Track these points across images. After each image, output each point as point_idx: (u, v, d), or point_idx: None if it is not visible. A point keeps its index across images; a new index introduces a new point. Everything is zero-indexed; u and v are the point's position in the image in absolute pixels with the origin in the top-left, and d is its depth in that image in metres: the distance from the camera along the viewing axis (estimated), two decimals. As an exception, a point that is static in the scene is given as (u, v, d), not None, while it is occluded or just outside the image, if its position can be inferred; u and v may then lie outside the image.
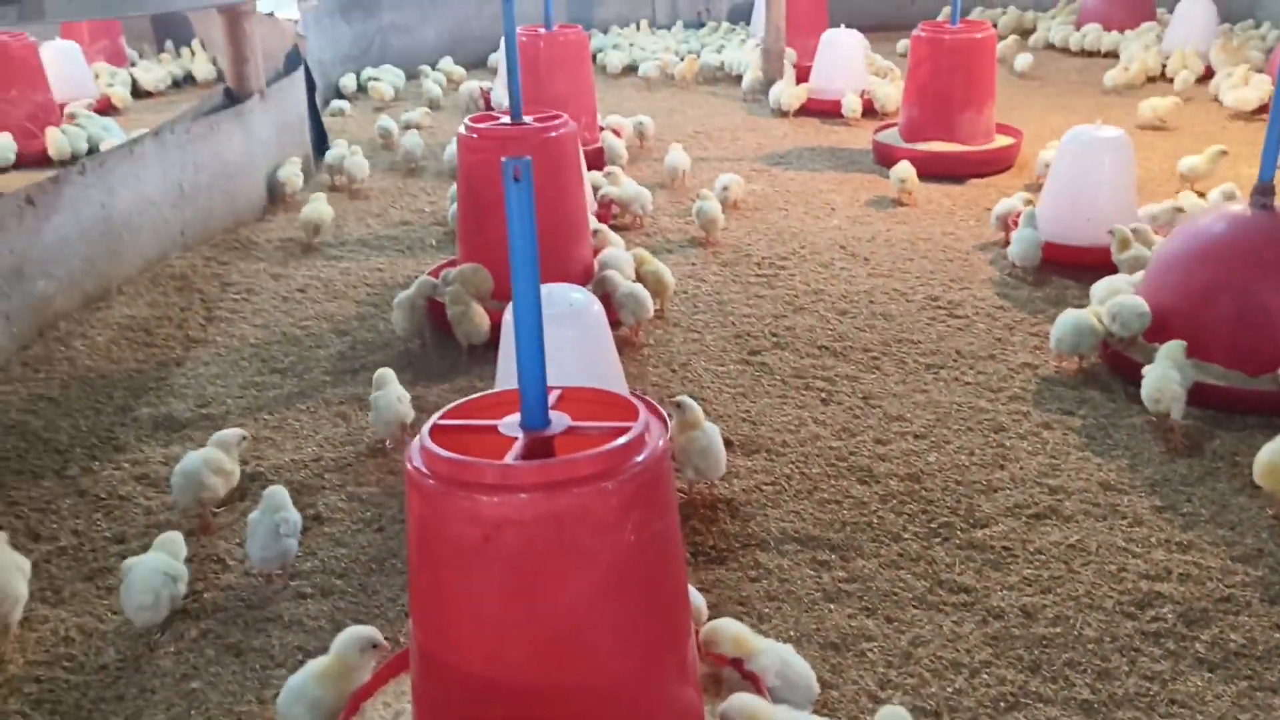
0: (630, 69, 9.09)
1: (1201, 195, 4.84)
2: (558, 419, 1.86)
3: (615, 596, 1.73)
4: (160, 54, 9.40)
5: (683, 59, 8.84)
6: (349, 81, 8.53)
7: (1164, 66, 7.71)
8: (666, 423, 3.15)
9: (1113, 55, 8.44)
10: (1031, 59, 8.16)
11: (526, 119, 4.00)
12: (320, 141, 6.63)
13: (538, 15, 6.23)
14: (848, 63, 7.27)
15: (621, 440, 1.74)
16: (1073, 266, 4.38)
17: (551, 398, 1.93)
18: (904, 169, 5.43)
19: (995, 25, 9.71)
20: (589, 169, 5.30)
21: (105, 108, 7.85)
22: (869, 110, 7.07)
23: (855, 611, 2.53)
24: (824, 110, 7.17)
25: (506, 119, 4.05)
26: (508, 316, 2.93)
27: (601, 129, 6.32)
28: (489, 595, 1.72)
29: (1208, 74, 7.56)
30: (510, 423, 1.86)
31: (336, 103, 7.97)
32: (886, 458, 3.16)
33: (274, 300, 4.44)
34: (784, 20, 7.94)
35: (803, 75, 7.55)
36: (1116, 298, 3.57)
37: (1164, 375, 3.16)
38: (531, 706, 1.73)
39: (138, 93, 8.54)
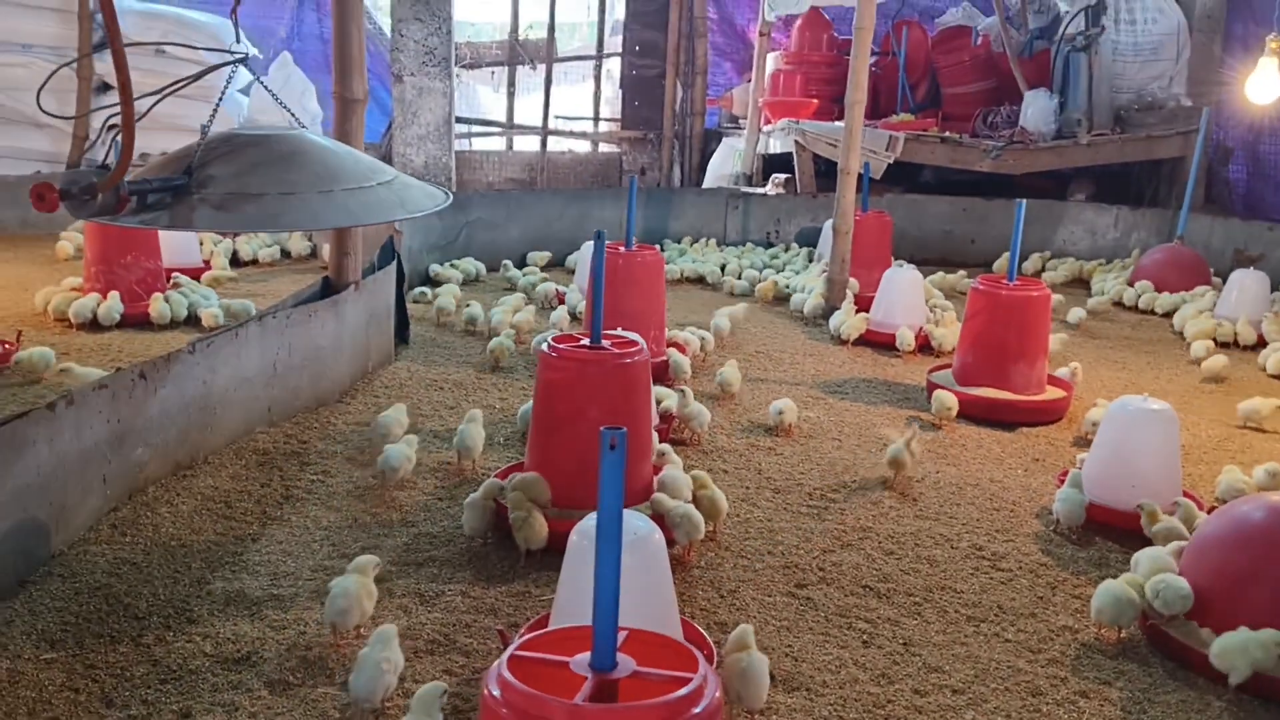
0: (696, 280, 9.60)
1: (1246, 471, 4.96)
2: (624, 662, 2.03)
3: (662, 842, 1.86)
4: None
5: (740, 275, 9.41)
6: (440, 270, 9.11)
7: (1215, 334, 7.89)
8: (714, 653, 3.29)
9: (1167, 316, 8.71)
10: (1085, 314, 8.44)
11: (605, 344, 4.30)
12: (403, 328, 7.04)
13: (618, 224, 6.67)
14: (907, 299, 7.62)
15: (681, 692, 1.90)
16: (1116, 529, 4.50)
17: (620, 639, 2.10)
18: (949, 399, 5.82)
19: (1051, 273, 10.12)
20: (654, 382, 5.61)
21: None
22: (925, 346, 7.36)
23: None
24: (881, 342, 7.47)
25: (586, 340, 4.36)
26: (574, 538, 3.14)
27: (670, 345, 6.65)
28: (546, 827, 1.85)
29: (1260, 343, 7.77)
30: (580, 661, 2.03)
31: (420, 288, 8.47)
32: (924, 710, 3.24)
33: (348, 484, 4.68)
34: (849, 252, 8.37)
35: (863, 305, 7.90)
36: (1161, 576, 3.66)
37: (1242, 642, 3.28)
38: None
39: (237, 262, 9.16)
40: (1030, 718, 3.24)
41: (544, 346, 4.35)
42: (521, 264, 9.81)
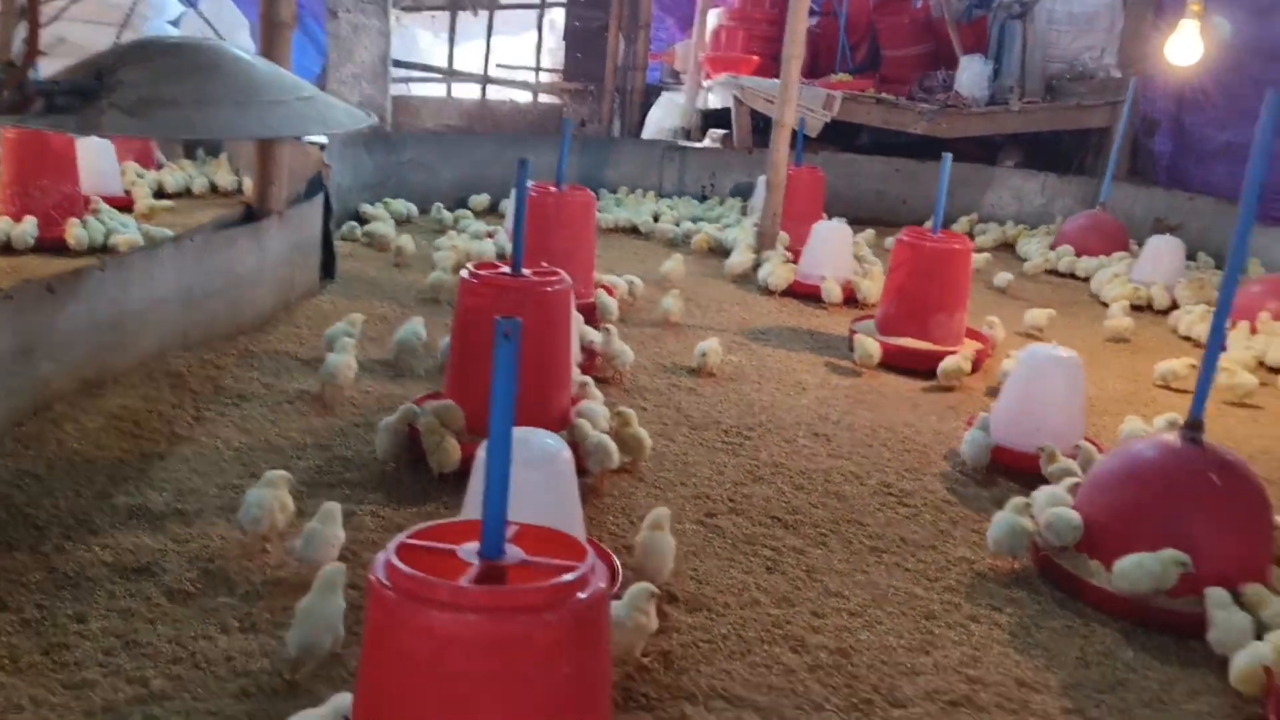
0: (630, 230, 9.59)
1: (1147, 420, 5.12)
2: (513, 551, 2.05)
3: (543, 723, 1.90)
4: (188, 160, 9.86)
5: (678, 225, 9.47)
6: (371, 209, 8.94)
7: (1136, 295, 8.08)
8: (618, 571, 3.34)
9: (1087, 280, 8.92)
10: (1011, 278, 8.56)
11: (526, 272, 4.30)
12: (329, 264, 6.95)
13: (553, 171, 6.64)
14: (835, 252, 7.70)
15: (568, 577, 1.94)
16: (1019, 471, 4.63)
17: (510, 532, 2.13)
18: (871, 345, 5.99)
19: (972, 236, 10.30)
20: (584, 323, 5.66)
21: (127, 205, 8.20)
22: (850, 299, 7.46)
23: (770, 773, 2.67)
24: (808, 293, 7.55)
25: (508, 269, 4.35)
26: (481, 455, 3.15)
27: (598, 287, 6.66)
28: (428, 707, 1.88)
29: (1173, 306, 8.00)
30: (469, 549, 2.05)
31: (350, 223, 8.38)
32: (820, 630, 3.33)
33: (262, 409, 4.64)
34: (781, 205, 8.44)
35: (794, 259, 7.97)
36: (1054, 509, 3.80)
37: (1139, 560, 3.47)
38: (450, 816, 1.87)
39: (161, 195, 8.93)
40: (922, 638, 3.34)
41: (464, 273, 4.34)
42: (459, 207, 9.71)
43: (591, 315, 6.23)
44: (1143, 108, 11.00)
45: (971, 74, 11.15)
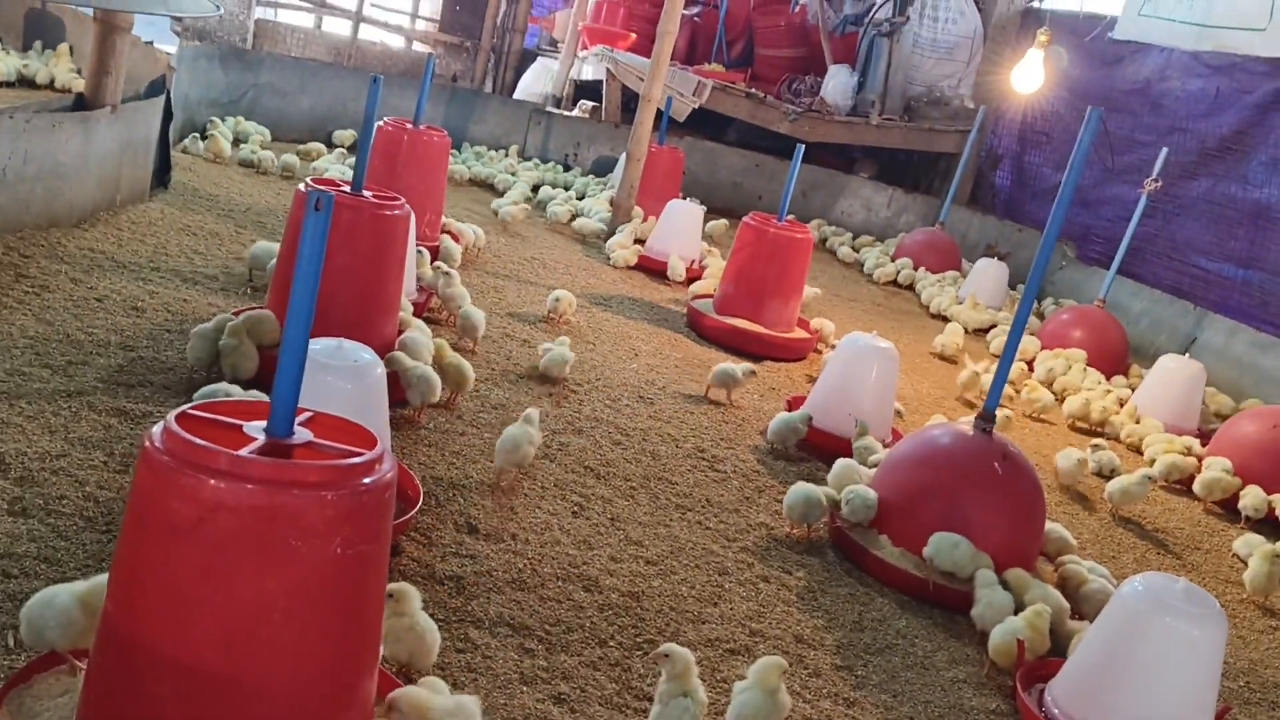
0: (485, 185, 9.46)
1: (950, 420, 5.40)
2: (301, 433, 2.01)
3: (309, 601, 1.86)
4: (31, 52, 9.21)
5: (536, 191, 9.40)
6: (220, 126, 8.48)
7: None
8: (420, 494, 3.32)
9: (911, 288, 9.33)
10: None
11: (366, 193, 4.20)
12: (164, 171, 6.62)
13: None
14: (684, 232, 7.81)
15: (352, 461, 1.91)
16: (829, 451, 4.81)
17: (303, 417, 2.08)
18: (628, 254, 6.84)
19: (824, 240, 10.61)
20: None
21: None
22: (694, 279, 7.58)
23: (544, 698, 2.70)
24: (655, 269, 7.64)
25: (347, 187, 4.24)
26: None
27: (444, 231, 6.57)
28: (188, 575, 1.82)
29: (993, 325, 8.43)
30: (256, 425, 1.99)
31: (193, 134, 8.00)
32: (615, 574, 3.38)
33: (66, 303, 4.38)
34: (639, 180, 8.50)
35: (644, 234, 8.05)
36: (853, 486, 3.97)
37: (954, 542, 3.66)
38: (202, 688, 1.82)
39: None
40: (713, 591, 3.44)
41: (301, 186, 4.21)
42: (312, 140, 9.38)
43: (434, 257, 6.14)
44: (989, 142, 11.56)
45: (838, 83, 11.47)
